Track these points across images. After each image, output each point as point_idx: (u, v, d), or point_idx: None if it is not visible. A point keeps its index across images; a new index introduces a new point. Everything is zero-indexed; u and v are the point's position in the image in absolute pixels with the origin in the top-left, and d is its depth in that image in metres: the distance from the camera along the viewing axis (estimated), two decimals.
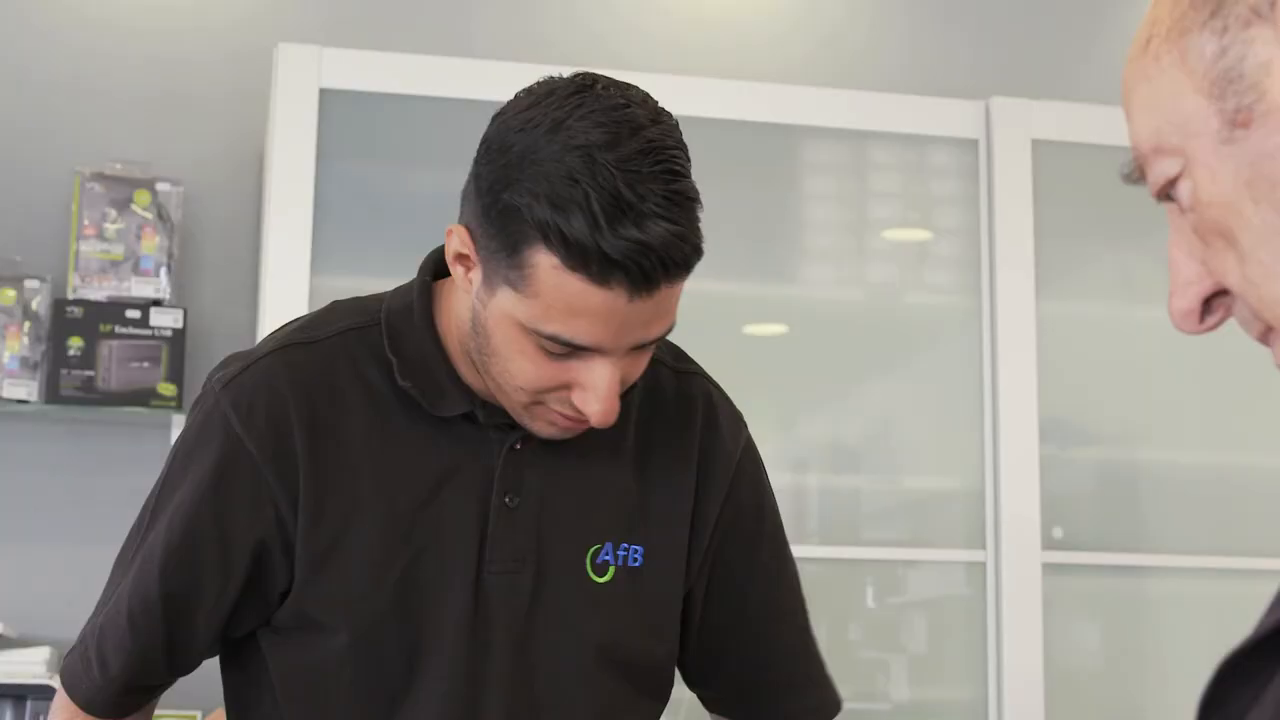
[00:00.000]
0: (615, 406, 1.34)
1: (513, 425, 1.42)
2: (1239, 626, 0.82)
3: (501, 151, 1.31)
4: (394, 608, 1.40)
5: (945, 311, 3.12)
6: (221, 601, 1.42)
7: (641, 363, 1.38)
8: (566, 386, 1.34)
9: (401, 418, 1.42)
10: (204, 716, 2.77)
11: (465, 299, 1.38)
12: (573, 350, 1.31)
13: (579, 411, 1.35)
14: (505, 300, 1.32)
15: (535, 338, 1.32)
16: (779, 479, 1.64)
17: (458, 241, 1.36)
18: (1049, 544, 3.01)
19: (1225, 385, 3.17)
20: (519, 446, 1.43)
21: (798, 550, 1.63)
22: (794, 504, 3.02)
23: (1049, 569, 3.00)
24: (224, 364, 1.46)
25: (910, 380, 3.11)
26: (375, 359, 1.43)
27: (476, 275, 1.35)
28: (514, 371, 1.35)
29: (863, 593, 3.04)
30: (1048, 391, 3.04)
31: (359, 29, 3.24)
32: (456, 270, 1.38)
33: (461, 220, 1.37)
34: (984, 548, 3.01)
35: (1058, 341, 3.08)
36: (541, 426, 1.39)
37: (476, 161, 1.35)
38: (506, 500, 1.42)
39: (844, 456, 3.12)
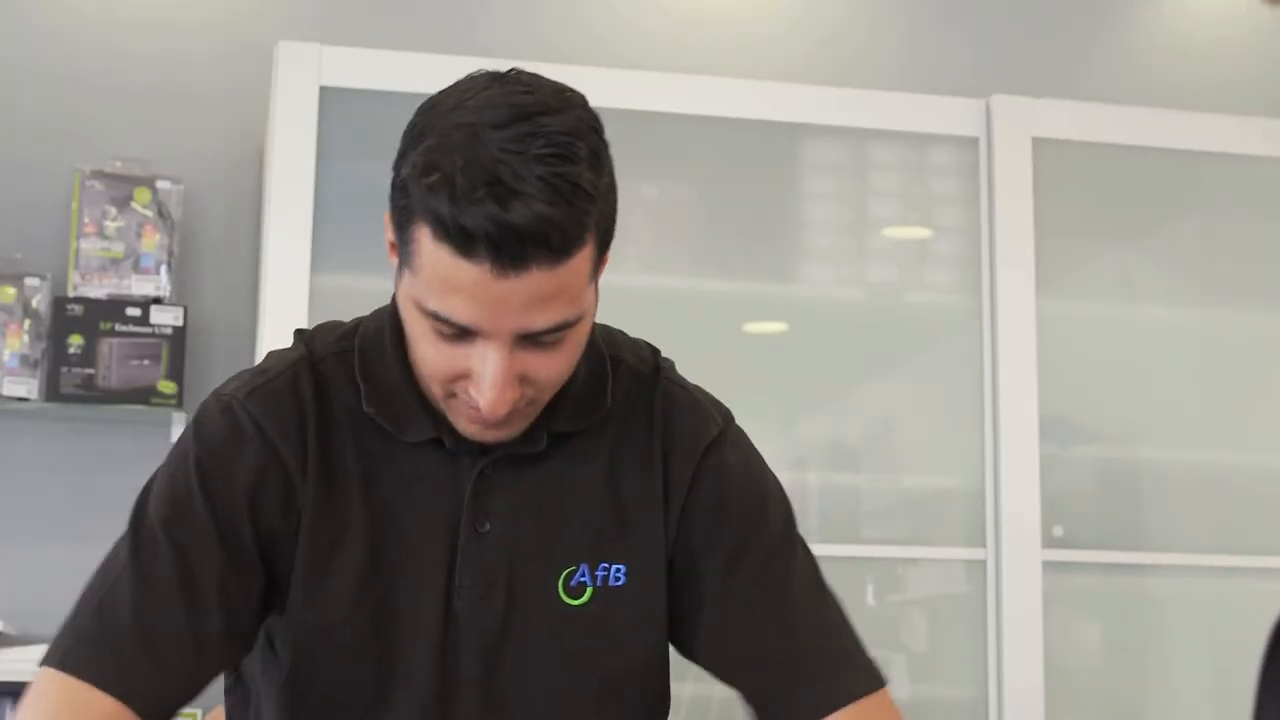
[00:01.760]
0: (505, 398, 1.30)
1: (483, 450, 1.40)
2: (1239, 625, 0.81)
3: (408, 131, 1.32)
4: (369, 632, 1.38)
5: (945, 311, 3.12)
6: (258, 588, 1.38)
7: (551, 362, 1.32)
8: (467, 376, 1.31)
9: (379, 443, 1.41)
10: (204, 716, 2.77)
11: None
12: (460, 333, 1.28)
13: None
14: (405, 280, 1.31)
15: (427, 319, 1.29)
16: (779, 478, 1.63)
17: (388, 228, 1.34)
18: (1049, 542, 3.01)
19: (1225, 385, 3.17)
20: (488, 471, 1.40)
21: None
22: (794, 503, 2.98)
23: (1049, 567, 3.00)
24: (237, 378, 1.44)
25: (910, 379, 3.10)
26: (354, 385, 1.42)
27: (396, 260, 1.33)
28: (421, 359, 1.34)
29: (863, 591, 3.03)
30: (1048, 391, 3.04)
31: (359, 27, 3.24)
32: (392, 259, 1.35)
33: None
34: (984, 546, 3.00)
35: (1058, 341, 3.08)
36: (464, 424, 1.36)
37: None
38: (476, 525, 1.39)
39: (844, 455, 3.12)
